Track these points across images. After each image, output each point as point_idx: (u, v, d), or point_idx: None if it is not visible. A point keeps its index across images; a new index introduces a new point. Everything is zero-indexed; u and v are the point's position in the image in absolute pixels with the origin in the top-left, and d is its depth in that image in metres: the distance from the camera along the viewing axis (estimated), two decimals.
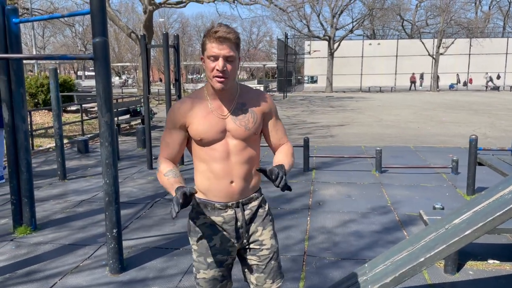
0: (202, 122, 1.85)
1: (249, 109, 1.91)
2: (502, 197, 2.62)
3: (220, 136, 1.86)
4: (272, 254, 2.01)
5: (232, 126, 1.87)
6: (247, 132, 1.88)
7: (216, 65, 1.76)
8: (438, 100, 23.95)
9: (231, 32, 1.76)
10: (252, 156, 1.92)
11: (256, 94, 1.98)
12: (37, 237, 4.31)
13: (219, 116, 1.86)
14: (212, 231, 1.95)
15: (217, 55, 1.75)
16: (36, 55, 11.76)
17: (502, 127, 12.45)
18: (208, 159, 1.88)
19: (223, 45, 1.74)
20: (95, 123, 13.59)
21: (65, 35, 54.47)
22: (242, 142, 1.88)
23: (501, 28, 50.78)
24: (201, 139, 1.85)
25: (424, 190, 5.85)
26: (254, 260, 2.01)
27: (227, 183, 1.88)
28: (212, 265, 1.95)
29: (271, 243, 2.01)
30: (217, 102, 1.88)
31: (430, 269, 3.49)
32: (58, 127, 6.35)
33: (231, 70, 1.79)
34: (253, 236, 1.99)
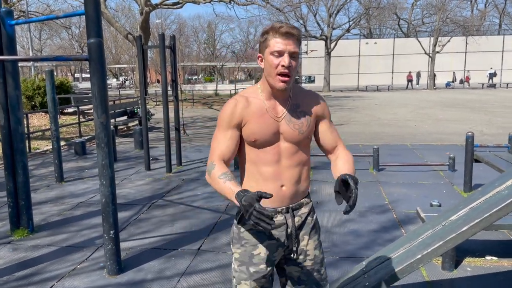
0: (258, 121, 1.77)
1: (304, 111, 1.83)
2: (498, 193, 2.62)
3: (274, 138, 1.78)
4: (315, 266, 1.92)
5: (285, 128, 1.79)
6: (301, 135, 1.81)
7: (281, 61, 1.68)
8: (435, 98, 24.00)
9: (295, 28, 1.71)
10: (303, 160, 1.85)
11: (310, 95, 1.90)
12: (35, 240, 4.29)
13: (273, 117, 1.79)
14: (259, 238, 1.83)
15: (283, 50, 1.68)
16: (31, 56, 11.75)
17: (499, 124, 12.48)
18: (259, 161, 1.80)
19: (289, 40, 1.68)
20: (92, 125, 13.54)
21: (61, 38, 54.38)
22: (294, 145, 1.81)
23: (497, 25, 50.91)
24: (256, 140, 1.77)
25: (422, 187, 5.86)
26: (295, 271, 1.91)
27: (278, 187, 1.80)
28: (254, 275, 1.83)
29: (315, 253, 1.92)
30: (272, 102, 1.80)
31: (428, 266, 3.49)
32: (55, 129, 6.34)
33: (295, 67, 1.72)
34: (300, 245, 1.89)
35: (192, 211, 5.07)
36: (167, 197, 5.66)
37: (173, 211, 5.10)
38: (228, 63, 48.47)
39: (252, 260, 1.84)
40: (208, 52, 61.15)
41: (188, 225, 4.63)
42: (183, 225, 4.63)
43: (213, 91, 31.84)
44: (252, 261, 1.84)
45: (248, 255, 1.84)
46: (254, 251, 1.84)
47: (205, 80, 56.06)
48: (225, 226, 4.53)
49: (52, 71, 6.17)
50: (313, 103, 1.87)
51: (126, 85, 47.06)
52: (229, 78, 57.98)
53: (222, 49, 57.06)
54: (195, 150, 9.09)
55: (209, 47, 60.96)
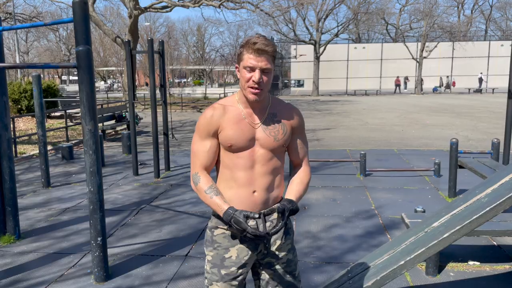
0: (234, 127, 1.85)
1: (280, 120, 1.91)
2: (478, 200, 2.70)
3: (249, 144, 1.86)
4: (288, 268, 1.98)
5: (261, 135, 1.87)
6: (276, 143, 1.88)
7: (252, 76, 1.77)
8: (422, 103, 24.30)
9: (269, 45, 1.77)
10: (276, 167, 1.91)
11: (288, 107, 1.97)
12: (21, 246, 4.27)
13: (250, 123, 1.87)
14: (230, 242, 1.91)
15: (254, 66, 1.76)
16: (19, 64, 11.65)
17: (484, 130, 12.70)
18: (233, 166, 1.87)
19: (261, 57, 1.76)
20: (80, 129, 13.46)
21: (49, 40, 53.81)
22: (269, 152, 1.88)
23: (483, 31, 51.77)
24: (231, 145, 1.85)
25: (407, 193, 5.95)
26: (269, 273, 1.97)
27: (250, 193, 1.87)
28: (225, 277, 1.91)
29: (288, 257, 1.98)
30: (249, 110, 1.89)
31: (412, 271, 3.56)
32: (42, 134, 6.30)
33: (266, 82, 1.80)
34: (271, 248, 1.96)
35: (180, 217, 5.08)
36: (155, 203, 5.66)
37: (161, 217, 5.11)
38: (218, 66, 48.51)
39: (224, 263, 1.91)
40: (197, 55, 61.13)
41: (176, 230, 4.64)
42: (171, 230, 4.65)
43: (202, 94, 31.83)
44: (224, 264, 1.91)
45: (220, 258, 1.92)
46: (225, 254, 1.92)
47: (194, 83, 56.00)
48: None
49: (39, 75, 6.13)
50: (290, 115, 1.95)
51: (114, 88, 46.77)
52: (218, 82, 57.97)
53: (211, 53, 57.06)
54: (184, 154, 9.09)
55: (198, 50, 60.94)
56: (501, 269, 3.61)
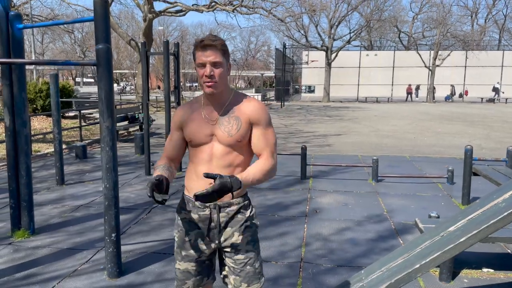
0: (193, 124, 2.02)
1: (237, 116, 1.99)
2: (496, 205, 2.68)
3: (207, 140, 2.00)
4: (247, 260, 2.07)
5: (218, 131, 1.99)
6: (230, 138, 1.97)
7: (204, 72, 1.90)
8: (434, 111, 24.12)
9: (216, 39, 1.90)
10: (235, 161, 2.01)
11: (248, 102, 2.02)
12: (35, 241, 4.32)
13: (208, 121, 2.00)
14: (190, 227, 2.07)
15: (203, 62, 1.89)
16: (40, 60, 11.86)
17: (498, 139, 12.57)
18: (195, 160, 2.04)
19: (208, 51, 1.88)
20: (93, 129, 13.61)
21: (64, 42, 54.54)
22: (226, 147, 1.98)
23: (497, 41, 51.33)
24: (191, 140, 2.03)
25: (420, 199, 5.91)
26: (230, 262, 2.09)
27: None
28: (185, 258, 2.09)
29: (246, 249, 2.07)
30: (209, 107, 2.02)
31: (426, 277, 3.53)
32: (58, 132, 6.38)
33: (219, 75, 1.91)
34: (229, 240, 2.05)
35: None
36: (167, 202, 5.68)
37: (173, 216, 5.07)
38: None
39: (184, 245, 2.10)
40: None
41: None
42: None
43: None
44: (184, 246, 2.10)
45: (182, 240, 2.11)
46: (185, 238, 2.09)
47: None
48: None
49: (57, 75, 6.23)
50: (249, 110, 2.00)
51: (127, 91, 47.20)
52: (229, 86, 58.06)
53: None
54: None
55: None
56: None
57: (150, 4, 19.63)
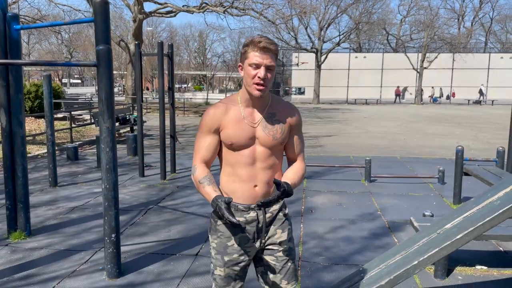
0: (234, 127, 1.95)
1: (279, 119, 2.00)
2: (491, 203, 2.76)
3: (249, 143, 1.96)
4: (289, 256, 2.09)
5: (260, 134, 1.97)
6: (274, 141, 1.98)
7: (257, 73, 1.87)
8: (423, 113, 24.43)
9: (273, 43, 1.89)
10: (275, 163, 2.03)
11: (287, 106, 2.07)
12: (32, 243, 4.31)
13: (250, 123, 1.97)
14: (233, 231, 2.02)
15: (259, 63, 1.86)
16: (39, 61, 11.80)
17: (485, 140, 12.79)
18: (235, 163, 1.98)
19: (266, 54, 1.87)
20: (83, 130, 13.52)
21: (50, 42, 53.93)
22: (268, 150, 1.99)
23: (483, 43, 52.14)
24: (232, 143, 1.95)
25: (412, 199, 6.01)
26: (271, 260, 2.08)
27: (251, 187, 1.98)
28: (228, 263, 2.03)
29: (289, 245, 2.10)
30: (249, 109, 1.98)
31: (421, 274, 3.61)
32: (51, 134, 6.35)
33: (270, 79, 1.90)
34: (272, 238, 2.07)
35: (188, 217, 5.13)
36: (162, 203, 5.71)
37: (169, 217, 5.15)
38: (219, 72, 48.70)
39: (227, 250, 2.04)
40: (198, 61, 61.33)
41: (185, 230, 4.68)
42: (180, 230, 4.69)
43: (203, 99, 31.93)
44: (227, 251, 2.04)
45: (223, 245, 2.04)
46: (228, 242, 2.04)
47: (194, 89, 56.14)
48: None
49: (50, 75, 6.20)
50: (289, 114, 2.05)
51: (115, 92, 46.83)
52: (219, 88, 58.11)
53: (213, 58, 57.31)
54: (189, 157, 9.14)
55: (199, 56, 61.16)
56: (508, 274, 3.67)
57: (140, 4, 19.57)
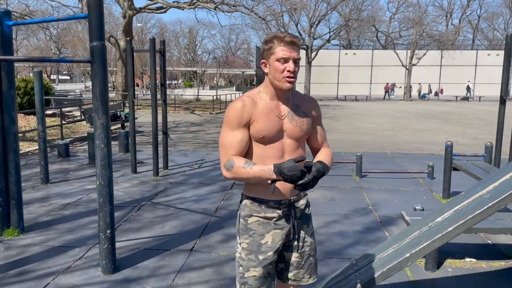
0: (264, 120, 1.93)
1: (303, 111, 2.04)
2: (480, 197, 2.83)
3: (279, 135, 1.96)
4: (311, 251, 2.13)
5: (288, 126, 1.98)
6: (302, 133, 2.01)
7: (287, 67, 1.90)
8: (411, 109, 24.67)
9: (297, 38, 1.94)
10: (302, 155, 2.03)
11: (308, 98, 2.12)
12: (26, 239, 4.30)
13: (278, 115, 1.97)
14: (265, 229, 2.01)
15: (288, 57, 1.89)
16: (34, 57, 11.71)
17: (473, 135, 12.98)
18: (265, 157, 1.94)
19: (292, 48, 1.91)
20: (73, 127, 13.42)
21: (38, 38, 53.26)
22: (295, 141, 2.00)
23: (471, 40, 52.70)
24: (263, 136, 1.92)
25: (403, 193, 6.10)
26: (295, 257, 2.09)
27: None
28: (263, 262, 2.00)
29: (311, 240, 2.13)
30: (275, 102, 1.99)
31: (412, 266, 3.69)
32: (42, 130, 6.32)
33: (297, 71, 1.95)
34: (301, 233, 2.09)
35: (182, 213, 5.15)
36: (156, 200, 5.72)
37: (163, 213, 5.17)
38: (210, 69, 48.55)
39: (261, 249, 2.01)
40: (188, 58, 61.04)
41: (179, 226, 4.71)
42: (174, 226, 4.71)
43: (193, 96, 31.84)
44: (261, 250, 2.01)
45: (257, 244, 2.01)
46: (261, 241, 2.01)
47: (185, 85, 55.90)
48: (216, 227, 4.64)
49: (41, 72, 6.15)
50: (311, 105, 2.10)
51: None
52: (209, 84, 57.95)
53: (203, 55, 57.09)
54: (181, 154, 9.15)
55: (189, 52, 60.89)
56: (497, 266, 3.76)
57: (130, 0, 19.42)
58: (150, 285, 3.37)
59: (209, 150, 9.77)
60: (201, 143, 11.14)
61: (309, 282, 2.16)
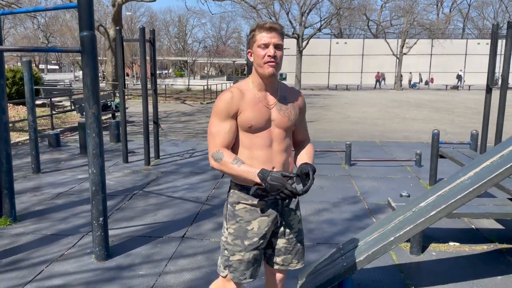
0: (252, 110, 1.98)
1: (291, 102, 2.10)
2: (462, 182, 2.94)
3: (266, 125, 2.01)
4: (298, 237, 2.20)
5: (276, 116, 2.03)
6: (289, 123, 2.06)
7: (267, 52, 1.94)
8: (402, 98, 24.85)
9: (278, 24, 1.99)
10: (289, 145, 2.11)
11: (295, 91, 2.18)
12: (18, 228, 4.34)
13: (266, 105, 2.02)
14: (252, 215, 2.07)
15: (268, 42, 1.94)
16: (25, 47, 11.59)
17: (461, 124, 13.17)
18: (253, 146, 2.00)
19: (272, 33, 1.95)
20: (63, 117, 13.36)
21: (26, 27, 52.44)
22: (283, 131, 2.05)
23: (461, 29, 52.95)
24: (251, 126, 1.97)
25: (391, 181, 6.22)
26: (283, 243, 2.17)
27: (269, 168, 1.98)
28: (249, 247, 2.07)
29: (299, 227, 2.21)
30: (263, 92, 2.04)
31: (397, 251, 3.80)
32: (32, 120, 6.31)
33: (280, 56, 1.97)
34: (288, 220, 2.16)
35: (174, 202, 5.22)
36: (148, 188, 5.78)
37: (155, 201, 5.23)
38: (200, 58, 48.29)
39: (247, 235, 2.08)
40: (178, 47, 60.62)
41: (171, 214, 4.78)
42: (166, 214, 4.78)
43: (184, 86, 31.71)
44: (247, 235, 2.08)
45: (243, 230, 2.08)
46: (248, 227, 2.08)
47: (175, 75, 55.59)
48: (207, 215, 4.72)
49: (30, 61, 6.13)
50: (297, 98, 2.18)
51: None
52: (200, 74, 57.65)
53: (194, 44, 56.72)
54: (172, 144, 9.19)
55: (180, 42, 60.44)
56: (479, 249, 3.89)
57: None
58: (143, 271, 3.44)
59: (200, 140, 9.81)
60: (192, 133, 11.17)
61: (297, 267, 2.24)
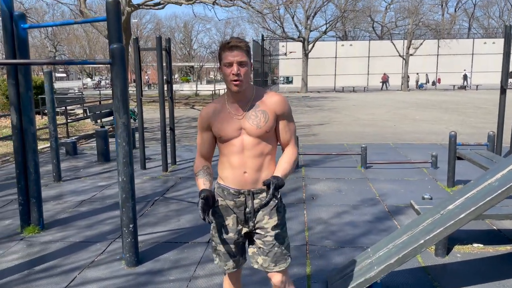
0: (221, 122, 2.20)
1: (263, 109, 2.19)
2: (490, 184, 2.98)
3: (237, 134, 2.18)
4: (275, 242, 2.26)
5: (246, 125, 2.18)
6: (259, 130, 2.17)
7: (231, 70, 2.07)
8: (409, 99, 24.82)
9: (241, 41, 2.11)
10: (265, 151, 2.21)
11: (271, 95, 2.25)
12: (46, 236, 4.43)
13: (235, 116, 2.19)
14: (227, 212, 2.28)
15: (231, 61, 2.07)
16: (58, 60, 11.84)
17: (472, 124, 13.15)
18: (227, 152, 2.22)
19: (234, 52, 2.07)
20: (77, 125, 13.52)
21: (33, 36, 52.97)
22: (255, 138, 2.18)
23: (467, 29, 52.79)
24: (220, 136, 2.21)
25: (408, 183, 6.26)
26: (260, 244, 2.29)
27: (241, 173, 2.20)
28: (224, 241, 2.30)
29: (276, 231, 2.26)
30: (235, 105, 2.20)
31: (423, 253, 3.84)
32: (53, 129, 6.43)
33: (244, 73, 2.10)
34: (260, 223, 2.26)
35: (194, 207, 5.28)
36: (168, 194, 5.86)
37: (176, 207, 5.31)
38: (207, 63, 48.53)
39: (223, 229, 2.30)
40: (184, 52, 60.95)
41: (194, 219, 4.85)
42: (189, 219, 4.86)
43: (191, 91, 31.91)
44: (223, 230, 2.30)
45: (220, 225, 2.31)
46: (224, 222, 2.30)
47: (182, 80, 55.87)
48: None
49: (51, 72, 6.26)
50: (273, 103, 2.22)
51: (102, 85, 46.41)
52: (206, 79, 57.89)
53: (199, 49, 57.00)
54: (186, 149, 9.28)
55: (185, 47, 60.77)
56: (503, 250, 3.92)
57: None
58: (173, 276, 3.52)
59: None
60: None
61: (275, 270, 2.29)
